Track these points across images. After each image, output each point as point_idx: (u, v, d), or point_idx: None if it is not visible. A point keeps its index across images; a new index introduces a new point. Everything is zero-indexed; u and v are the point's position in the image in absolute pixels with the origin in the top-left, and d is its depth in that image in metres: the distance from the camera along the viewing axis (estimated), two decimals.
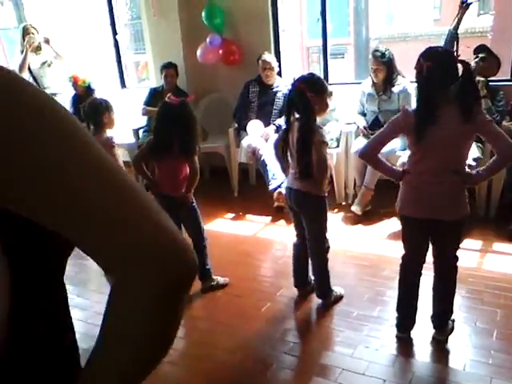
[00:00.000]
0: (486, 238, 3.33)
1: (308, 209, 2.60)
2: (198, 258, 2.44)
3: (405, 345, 2.31)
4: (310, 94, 2.39)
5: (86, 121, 3.11)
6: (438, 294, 2.29)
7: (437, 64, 1.99)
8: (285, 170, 2.67)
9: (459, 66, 2.01)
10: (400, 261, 2.30)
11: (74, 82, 5.10)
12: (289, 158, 2.57)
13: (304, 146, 2.42)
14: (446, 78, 2.01)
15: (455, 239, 2.21)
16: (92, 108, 3.08)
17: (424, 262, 2.25)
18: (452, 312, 2.31)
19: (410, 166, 2.18)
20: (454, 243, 2.22)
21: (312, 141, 2.40)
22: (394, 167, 2.28)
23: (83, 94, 5.13)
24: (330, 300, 2.68)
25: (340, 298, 2.71)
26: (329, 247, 2.61)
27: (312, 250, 2.62)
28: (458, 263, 2.20)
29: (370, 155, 2.23)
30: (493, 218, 3.62)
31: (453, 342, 2.30)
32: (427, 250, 2.24)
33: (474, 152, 3.49)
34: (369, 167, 3.84)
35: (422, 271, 2.26)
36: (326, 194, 2.54)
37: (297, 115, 2.49)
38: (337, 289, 2.72)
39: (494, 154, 3.56)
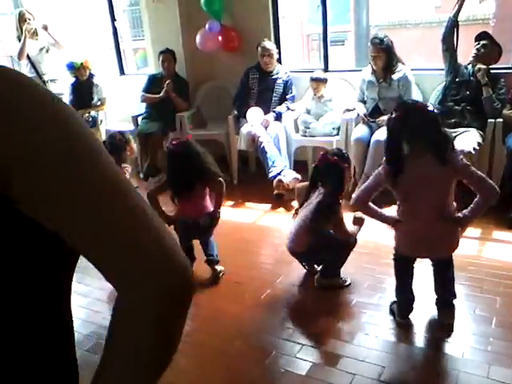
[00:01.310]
0: (486, 227, 3.33)
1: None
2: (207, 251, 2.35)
3: (404, 332, 2.32)
4: (344, 164, 2.61)
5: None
6: (440, 280, 2.32)
7: (406, 114, 2.11)
8: None
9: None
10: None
11: (85, 68, 5.09)
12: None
13: (319, 220, 2.61)
14: (414, 128, 2.10)
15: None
16: (113, 146, 3.10)
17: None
18: (455, 294, 2.33)
19: (399, 215, 2.25)
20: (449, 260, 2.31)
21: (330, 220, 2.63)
22: (387, 215, 2.33)
23: (85, 80, 5.13)
24: (334, 282, 2.72)
25: (344, 285, 2.72)
26: (356, 241, 2.70)
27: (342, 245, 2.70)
28: (458, 251, 2.22)
29: (361, 205, 2.31)
30: (493, 207, 3.59)
31: (452, 329, 2.31)
32: None
33: (475, 138, 3.49)
34: (369, 155, 3.84)
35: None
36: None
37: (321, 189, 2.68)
38: (344, 277, 2.76)
39: (493, 143, 3.60)
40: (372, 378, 2.03)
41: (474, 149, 3.37)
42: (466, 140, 3.47)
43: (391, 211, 3.60)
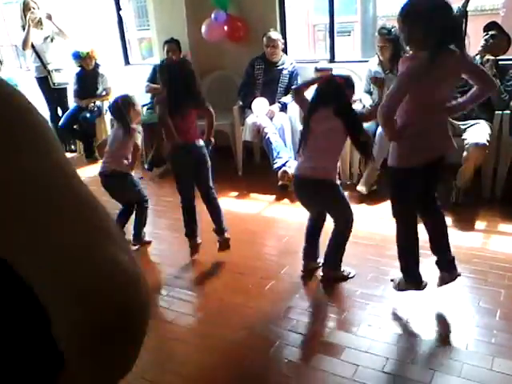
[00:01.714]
0: (492, 219, 3.32)
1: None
2: (216, 212, 2.94)
3: (408, 323, 2.33)
4: (348, 90, 2.56)
5: (115, 120, 3.31)
6: (439, 233, 2.40)
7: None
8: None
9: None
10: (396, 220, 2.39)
11: (91, 57, 5.10)
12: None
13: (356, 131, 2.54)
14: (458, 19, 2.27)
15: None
16: (116, 112, 3.20)
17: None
18: (451, 251, 2.42)
19: (408, 117, 2.15)
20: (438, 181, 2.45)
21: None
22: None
23: (90, 70, 5.13)
24: (335, 274, 2.70)
25: (348, 277, 2.72)
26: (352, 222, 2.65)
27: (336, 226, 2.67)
28: (463, 243, 2.25)
29: (392, 117, 2.14)
30: (499, 199, 3.60)
31: (456, 321, 2.31)
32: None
33: (486, 130, 3.47)
34: (374, 146, 3.81)
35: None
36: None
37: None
38: (348, 269, 2.74)
39: (500, 135, 3.57)
40: (376, 369, 2.03)
41: (488, 141, 3.37)
42: (479, 132, 3.44)
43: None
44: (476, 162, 3.41)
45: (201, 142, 2.96)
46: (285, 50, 4.62)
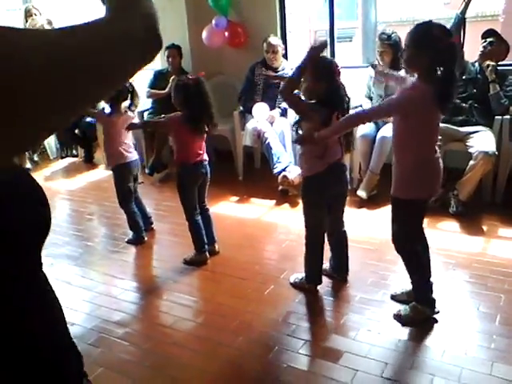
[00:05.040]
0: (492, 224, 3.31)
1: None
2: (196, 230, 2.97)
3: (407, 329, 2.32)
4: None
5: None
6: None
7: None
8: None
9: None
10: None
11: None
12: None
13: None
14: None
15: None
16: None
17: None
18: None
19: (424, 148, 2.18)
20: None
21: None
22: None
23: None
24: (301, 285, 2.72)
25: (304, 287, 2.70)
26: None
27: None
28: (463, 248, 2.20)
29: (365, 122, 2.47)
30: (499, 204, 3.60)
31: (455, 326, 2.30)
32: None
33: (492, 138, 3.48)
34: (374, 152, 3.82)
35: None
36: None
37: None
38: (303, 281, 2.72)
39: (500, 140, 3.57)
40: (374, 374, 2.03)
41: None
42: (486, 140, 3.43)
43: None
44: (484, 172, 3.36)
45: (209, 165, 3.06)
46: (285, 56, 4.64)
